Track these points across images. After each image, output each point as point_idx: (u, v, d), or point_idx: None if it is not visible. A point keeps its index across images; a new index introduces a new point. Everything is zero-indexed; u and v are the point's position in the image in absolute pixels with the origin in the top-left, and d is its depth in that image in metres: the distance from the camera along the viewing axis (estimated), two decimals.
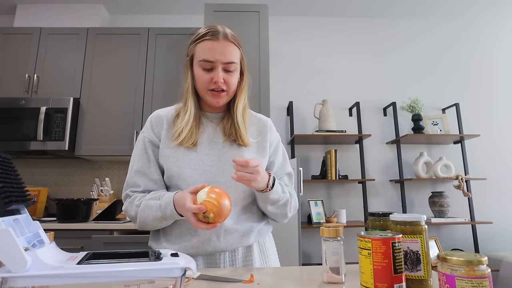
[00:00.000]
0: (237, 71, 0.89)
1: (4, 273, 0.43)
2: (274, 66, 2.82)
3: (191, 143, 0.86)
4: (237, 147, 0.89)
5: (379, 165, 2.75)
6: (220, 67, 0.84)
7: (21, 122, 2.19)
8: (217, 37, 0.84)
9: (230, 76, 0.86)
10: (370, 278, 0.53)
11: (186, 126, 0.86)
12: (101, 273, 0.44)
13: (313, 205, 2.47)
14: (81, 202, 1.96)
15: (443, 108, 2.84)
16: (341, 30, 2.97)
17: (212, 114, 0.94)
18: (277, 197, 0.85)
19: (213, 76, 0.84)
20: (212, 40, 0.84)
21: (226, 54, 0.84)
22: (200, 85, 0.87)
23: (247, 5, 2.27)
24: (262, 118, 1.00)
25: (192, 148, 0.86)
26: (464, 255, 0.47)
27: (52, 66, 2.38)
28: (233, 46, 0.86)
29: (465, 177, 2.44)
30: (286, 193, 0.89)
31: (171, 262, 0.46)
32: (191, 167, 0.85)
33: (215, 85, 0.84)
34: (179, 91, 0.94)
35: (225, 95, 0.87)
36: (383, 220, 0.67)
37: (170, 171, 0.85)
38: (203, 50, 0.84)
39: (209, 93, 0.86)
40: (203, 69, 0.85)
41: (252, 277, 0.66)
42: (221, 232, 0.83)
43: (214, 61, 0.83)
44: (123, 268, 0.44)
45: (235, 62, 0.86)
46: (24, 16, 2.66)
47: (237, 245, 0.85)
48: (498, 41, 3.04)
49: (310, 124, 2.77)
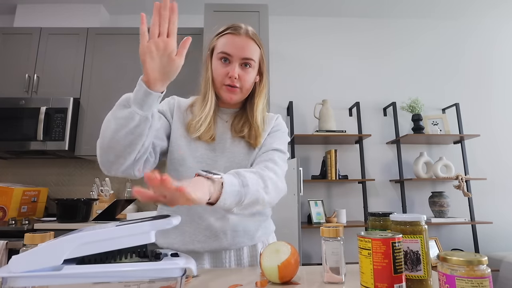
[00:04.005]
0: (254, 70, 0.87)
1: (4, 273, 0.43)
2: (274, 66, 2.82)
3: (210, 137, 0.85)
4: (245, 144, 0.88)
5: (379, 165, 2.75)
6: (237, 62, 0.83)
7: (21, 122, 2.19)
8: (238, 32, 0.84)
9: (246, 73, 0.85)
10: (370, 278, 0.53)
11: (206, 119, 0.85)
12: (100, 273, 0.44)
13: (313, 205, 2.47)
14: (81, 202, 1.96)
15: (443, 108, 2.84)
16: (341, 30, 2.97)
17: (226, 109, 0.93)
18: (236, 198, 0.66)
19: (229, 70, 0.83)
20: (233, 34, 0.84)
21: (245, 50, 0.83)
22: (216, 78, 0.85)
23: (247, 5, 2.27)
24: (270, 116, 0.98)
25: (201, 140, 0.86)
26: (464, 255, 0.47)
27: (52, 66, 2.38)
28: (253, 43, 0.85)
29: (465, 177, 2.44)
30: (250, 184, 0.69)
31: (171, 262, 0.46)
32: (195, 159, 0.85)
33: (230, 80, 0.83)
34: (179, 90, 0.94)
35: (239, 92, 0.86)
36: (383, 220, 0.67)
37: (175, 154, 0.85)
38: (223, 43, 0.84)
39: (224, 88, 0.85)
40: (221, 62, 0.84)
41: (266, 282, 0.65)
42: (227, 229, 0.84)
43: (232, 54, 0.83)
44: (123, 268, 0.45)
45: (253, 60, 0.85)
46: (24, 16, 2.66)
47: (242, 244, 0.86)
48: (498, 41, 3.04)
49: (310, 124, 2.77)
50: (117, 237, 0.45)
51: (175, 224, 0.48)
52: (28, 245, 0.57)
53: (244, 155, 0.88)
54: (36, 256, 0.44)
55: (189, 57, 0.83)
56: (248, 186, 0.69)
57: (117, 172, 0.73)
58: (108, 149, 0.71)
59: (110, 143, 0.70)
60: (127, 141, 0.69)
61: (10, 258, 0.44)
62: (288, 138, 0.96)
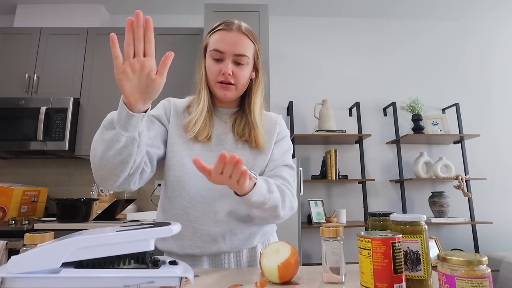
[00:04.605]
0: (248, 66, 0.85)
1: (3, 273, 0.43)
2: (274, 66, 2.82)
3: (205, 137, 0.84)
4: (248, 148, 0.87)
5: (379, 165, 2.75)
6: (230, 59, 0.81)
7: (21, 122, 2.19)
8: (230, 27, 0.82)
9: (240, 69, 0.83)
10: (370, 278, 0.53)
11: (200, 117, 0.83)
12: (98, 278, 0.45)
13: (313, 205, 2.47)
14: (81, 202, 1.96)
15: (443, 108, 2.84)
16: (341, 30, 2.97)
17: (222, 109, 0.91)
18: (261, 199, 0.73)
19: (222, 67, 0.81)
20: (225, 31, 0.82)
21: (238, 46, 0.81)
22: (210, 76, 0.84)
23: (247, 5, 2.27)
24: (273, 116, 0.96)
25: (199, 142, 0.84)
26: (464, 255, 0.47)
27: (52, 66, 2.38)
28: (246, 39, 0.83)
29: (465, 177, 2.44)
30: (275, 193, 0.77)
31: (169, 271, 0.47)
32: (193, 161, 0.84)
33: (223, 77, 0.81)
34: (178, 90, 0.94)
35: (233, 89, 0.84)
36: (383, 220, 0.67)
37: (173, 160, 0.83)
38: (215, 40, 0.82)
39: (218, 85, 0.83)
40: (213, 59, 0.83)
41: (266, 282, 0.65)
42: (226, 233, 0.83)
43: (224, 51, 0.81)
44: (120, 274, 0.46)
45: (247, 56, 0.83)
46: (24, 16, 2.66)
47: (242, 247, 0.85)
48: (498, 41, 3.04)
49: (310, 124, 2.77)
50: (116, 243, 0.45)
51: (175, 233, 0.48)
52: (28, 245, 0.57)
53: (247, 158, 0.86)
54: (34, 258, 0.44)
55: (189, 57, 0.83)
56: (273, 193, 0.76)
57: (112, 187, 0.73)
58: (99, 168, 0.69)
59: (100, 162, 0.68)
60: (117, 161, 0.68)
61: (10, 258, 0.45)
62: (291, 143, 0.98)
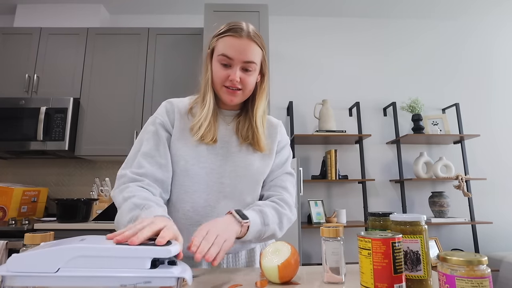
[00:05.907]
0: (255, 72, 0.85)
1: (3, 272, 0.43)
2: (274, 66, 2.82)
3: (211, 139, 0.84)
4: (252, 151, 0.88)
5: (379, 165, 2.75)
6: (239, 66, 0.81)
7: (21, 122, 2.19)
8: (240, 34, 0.81)
9: (247, 76, 0.83)
10: (370, 278, 0.53)
11: (205, 121, 0.83)
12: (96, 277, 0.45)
13: (313, 205, 2.47)
14: (81, 202, 1.96)
15: (443, 108, 2.84)
16: (341, 30, 2.97)
17: (226, 111, 0.91)
18: (257, 235, 0.78)
19: (230, 73, 0.81)
20: (234, 37, 0.81)
21: (247, 53, 0.81)
22: (216, 80, 0.84)
23: (247, 5, 2.27)
24: (273, 121, 0.97)
25: (204, 144, 0.84)
26: (464, 255, 0.47)
27: (52, 66, 2.38)
28: (255, 45, 0.83)
29: (465, 177, 2.44)
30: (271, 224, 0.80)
31: (166, 271, 0.47)
32: (199, 165, 0.83)
33: (231, 83, 0.82)
34: (179, 90, 0.93)
35: (240, 94, 0.84)
36: (383, 220, 0.67)
37: (178, 164, 0.83)
38: (224, 45, 0.82)
39: (224, 90, 0.83)
40: (221, 64, 0.82)
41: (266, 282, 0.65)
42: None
43: (233, 58, 0.81)
44: (118, 274, 0.46)
45: (255, 62, 0.83)
46: (24, 16, 2.66)
47: (241, 249, 0.85)
48: (498, 41, 3.04)
49: (310, 124, 2.77)
50: (114, 256, 0.46)
51: (173, 254, 0.49)
52: (28, 245, 0.57)
53: (250, 161, 0.86)
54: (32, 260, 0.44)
55: (190, 57, 0.82)
56: (269, 225, 0.80)
57: None
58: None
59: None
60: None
61: (9, 257, 0.45)
62: (291, 150, 1.00)
